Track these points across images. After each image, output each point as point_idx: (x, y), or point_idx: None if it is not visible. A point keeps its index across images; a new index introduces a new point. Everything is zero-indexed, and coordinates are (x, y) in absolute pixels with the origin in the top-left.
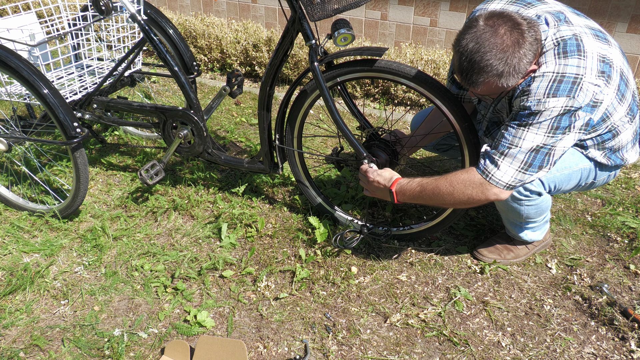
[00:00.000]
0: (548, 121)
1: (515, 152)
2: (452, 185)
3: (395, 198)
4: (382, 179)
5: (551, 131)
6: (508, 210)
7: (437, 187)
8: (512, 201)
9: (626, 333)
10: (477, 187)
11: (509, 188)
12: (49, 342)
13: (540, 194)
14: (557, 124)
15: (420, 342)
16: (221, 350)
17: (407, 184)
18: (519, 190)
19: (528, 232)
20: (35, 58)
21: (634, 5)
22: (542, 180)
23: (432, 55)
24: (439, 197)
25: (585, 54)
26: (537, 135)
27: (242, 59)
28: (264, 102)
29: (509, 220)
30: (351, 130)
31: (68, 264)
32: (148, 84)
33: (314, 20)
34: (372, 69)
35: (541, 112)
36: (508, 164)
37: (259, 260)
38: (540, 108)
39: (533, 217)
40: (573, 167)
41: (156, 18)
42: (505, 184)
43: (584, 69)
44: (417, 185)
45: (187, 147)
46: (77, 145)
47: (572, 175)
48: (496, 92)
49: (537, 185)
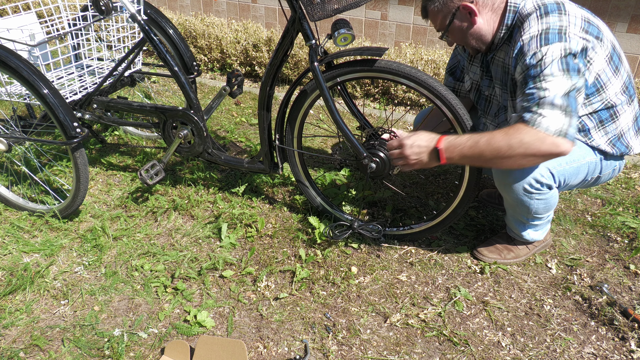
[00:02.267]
0: (556, 65)
1: (551, 99)
2: (508, 135)
3: (443, 157)
4: (422, 141)
5: (565, 73)
6: (517, 205)
7: (492, 138)
8: (524, 194)
9: (626, 333)
10: (534, 136)
11: (561, 135)
12: (49, 342)
13: (551, 187)
14: (566, 66)
15: (420, 342)
16: (221, 350)
17: (456, 139)
18: (530, 183)
19: (530, 231)
20: (35, 58)
21: (634, 5)
22: (552, 173)
23: (432, 55)
24: (493, 151)
25: (567, 12)
26: (555, 79)
27: (242, 59)
28: (264, 102)
29: (514, 217)
30: (351, 130)
31: (68, 264)
32: (148, 84)
33: (314, 20)
34: (372, 69)
35: (543, 61)
36: (550, 111)
37: (259, 260)
38: (539, 58)
39: (541, 212)
40: (581, 161)
41: (156, 18)
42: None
43: (567, 22)
44: (467, 139)
45: (187, 147)
46: (77, 145)
47: (580, 169)
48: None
49: (548, 178)
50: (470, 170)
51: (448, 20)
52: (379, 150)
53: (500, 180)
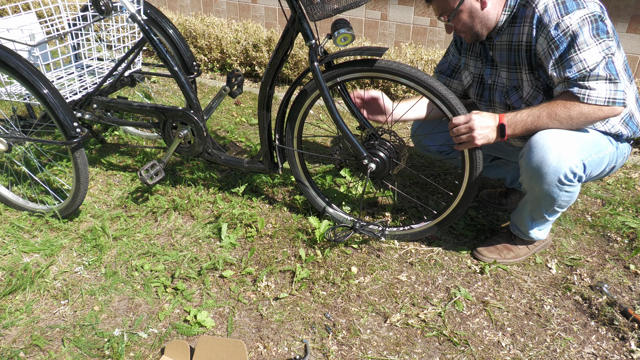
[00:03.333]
0: (587, 33)
1: (596, 72)
2: (567, 108)
3: (506, 133)
4: (489, 118)
5: (596, 38)
6: (544, 197)
7: (553, 112)
8: (556, 185)
9: (626, 333)
10: (590, 108)
11: (612, 102)
12: (49, 342)
13: (581, 178)
14: (595, 31)
15: (420, 342)
16: (221, 350)
17: (516, 116)
18: (566, 174)
19: (536, 229)
20: (35, 58)
21: (634, 5)
22: (585, 164)
23: (432, 55)
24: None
25: None
26: (590, 48)
27: (242, 59)
28: (263, 102)
29: (530, 213)
30: (351, 130)
31: (68, 264)
32: (148, 84)
33: (314, 20)
34: (372, 69)
35: (570, 30)
36: (595, 83)
37: (259, 260)
38: (564, 28)
39: (563, 206)
40: (604, 151)
41: (156, 18)
42: (606, 100)
43: None
44: (527, 115)
45: (187, 147)
46: (77, 145)
47: (603, 160)
48: (462, 20)
49: (581, 170)
50: (469, 171)
51: (458, 2)
52: (379, 150)
53: (534, 171)
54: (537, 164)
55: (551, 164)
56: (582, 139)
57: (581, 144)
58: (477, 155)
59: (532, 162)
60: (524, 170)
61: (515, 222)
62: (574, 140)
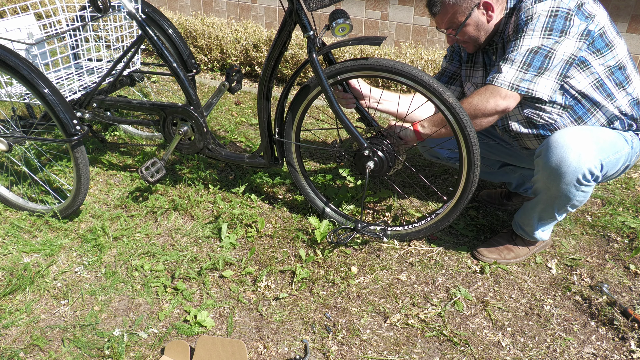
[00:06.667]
0: (540, 24)
1: (514, 55)
2: (471, 97)
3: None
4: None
5: (545, 33)
6: (559, 197)
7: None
8: (574, 185)
9: (626, 333)
10: (488, 93)
11: (513, 89)
12: (49, 342)
13: (598, 178)
14: (551, 26)
15: (420, 342)
16: (221, 350)
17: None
18: (584, 173)
19: (540, 230)
20: (33, 57)
21: (634, 5)
22: (602, 164)
23: (432, 55)
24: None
25: None
26: (532, 38)
27: (242, 59)
28: (262, 96)
29: (540, 213)
30: (352, 122)
31: (68, 264)
32: (148, 84)
33: (311, 10)
34: (373, 68)
35: (532, 17)
36: (509, 66)
37: (259, 260)
38: (530, 14)
39: (576, 206)
40: (621, 152)
41: (155, 17)
42: (508, 84)
43: None
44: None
45: (187, 143)
46: (77, 143)
47: (619, 160)
48: (468, 33)
49: (599, 170)
50: (467, 170)
51: (465, 16)
52: (379, 150)
53: (552, 170)
54: (557, 163)
55: (571, 163)
56: (601, 139)
57: (600, 145)
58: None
59: (551, 161)
60: (542, 169)
61: (520, 222)
62: (594, 140)
